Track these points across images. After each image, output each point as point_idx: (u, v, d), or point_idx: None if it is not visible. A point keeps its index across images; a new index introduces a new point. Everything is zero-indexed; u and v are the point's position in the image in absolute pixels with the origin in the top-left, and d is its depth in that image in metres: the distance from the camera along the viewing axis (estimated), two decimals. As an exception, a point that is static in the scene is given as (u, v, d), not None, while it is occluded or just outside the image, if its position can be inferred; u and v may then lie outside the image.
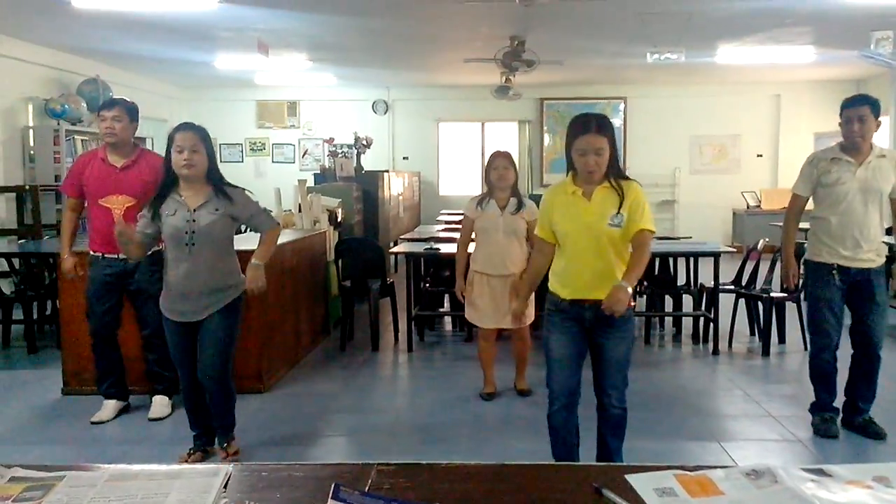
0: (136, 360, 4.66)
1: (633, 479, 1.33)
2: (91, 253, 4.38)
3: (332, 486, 1.15)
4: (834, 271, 4.01)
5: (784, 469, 1.34)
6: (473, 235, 4.85)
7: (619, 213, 3.03)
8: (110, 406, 4.53)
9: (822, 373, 4.15)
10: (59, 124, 8.66)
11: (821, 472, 1.35)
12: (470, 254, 4.85)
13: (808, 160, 4.24)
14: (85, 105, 9.02)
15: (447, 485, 1.34)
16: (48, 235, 7.99)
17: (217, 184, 3.56)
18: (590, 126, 3.01)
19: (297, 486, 1.32)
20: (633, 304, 3.10)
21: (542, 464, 1.43)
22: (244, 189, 3.70)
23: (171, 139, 3.45)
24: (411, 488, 1.31)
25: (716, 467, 1.39)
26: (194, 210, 3.47)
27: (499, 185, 4.71)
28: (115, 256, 4.22)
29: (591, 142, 2.99)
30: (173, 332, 3.62)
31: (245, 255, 4.95)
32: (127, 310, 4.49)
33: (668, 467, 1.38)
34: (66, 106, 8.73)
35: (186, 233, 3.45)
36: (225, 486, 1.29)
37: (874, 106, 3.98)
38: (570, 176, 3.13)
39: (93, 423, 4.40)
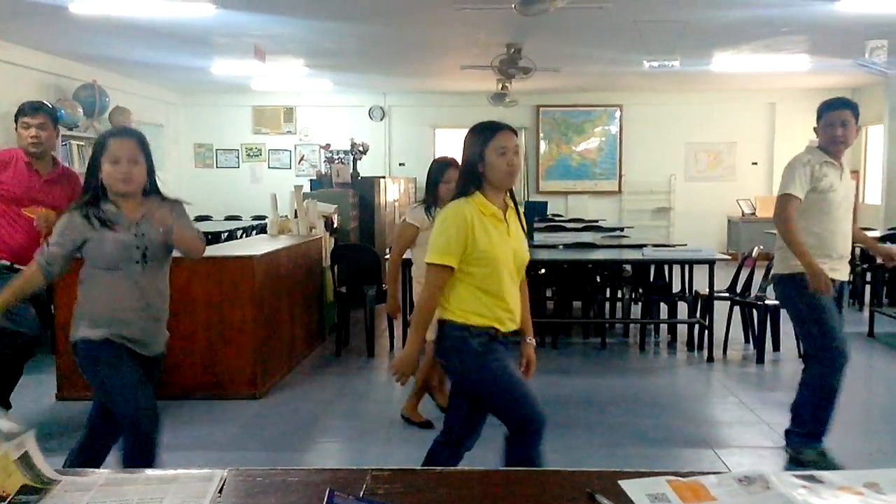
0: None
1: (627, 485, 1.34)
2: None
3: (327, 491, 1.15)
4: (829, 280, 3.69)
5: (776, 475, 1.35)
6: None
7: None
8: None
9: (833, 395, 3.75)
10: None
11: (812, 479, 1.36)
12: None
13: (799, 161, 3.85)
14: (81, 110, 9.02)
15: (441, 490, 1.35)
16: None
17: (154, 195, 2.96)
18: (504, 125, 2.81)
19: (291, 492, 1.33)
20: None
21: (536, 469, 1.44)
22: (181, 202, 3.06)
23: (101, 146, 2.82)
24: (406, 494, 1.31)
25: (708, 473, 1.40)
26: (137, 223, 2.85)
27: (448, 198, 4.36)
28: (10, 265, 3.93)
29: (510, 139, 2.75)
30: (124, 362, 2.84)
31: (237, 262, 4.91)
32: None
33: (661, 473, 1.39)
34: (63, 111, 8.72)
35: (137, 248, 2.83)
36: (220, 491, 1.29)
37: (855, 110, 3.87)
38: (477, 194, 2.76)
39: None
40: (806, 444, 3.84)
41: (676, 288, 7.06)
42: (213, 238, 8.14)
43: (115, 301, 2.82)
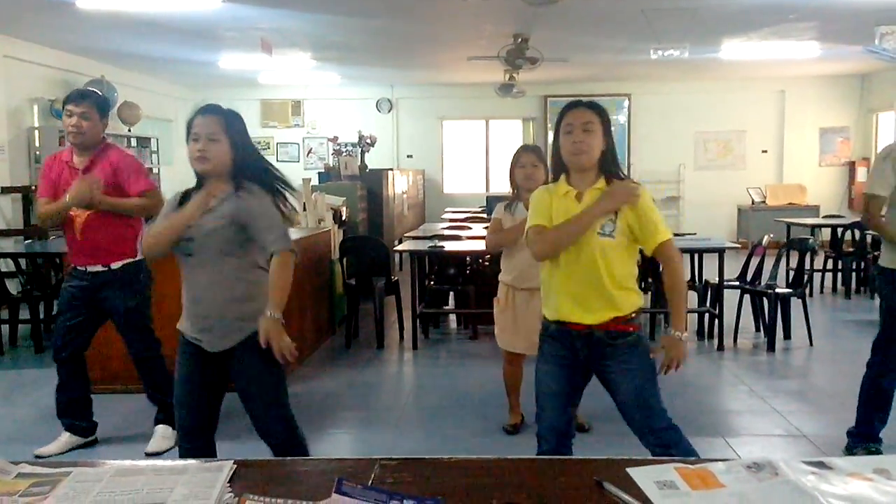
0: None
1: (635, 473, 1.34)
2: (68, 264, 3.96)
3: (336, 480, 1.16)
4: None
5: (785, 462, 1.35)
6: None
7: (612, 220, 2.57)
8: (63, 440, 4.00)
9: (886, 396, 3.72)
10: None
11: (822, 465, 1.36)
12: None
13: (880, 156, 3.66)
14: (90, 105, 9.05)
15: (449, 479, 1.35)
16: (54, 235, 8.02)
17: (240, 182, 2.72)
18: (579, 103, 2.68)
19: (300, 481, 1.34)
20: (635, 327, 2.67)
21: (544, 458, 1.44)
22: (282, 192, 2.84)
23: (189, 123, 2.70)
24: (413, 482, 1.32)
25: (717, 460, 1.39)
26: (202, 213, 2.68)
27: (526, 185, 3.95)
28: (84, 269, 3.79)
29: (578, 115, 2.60)
30: (184, 359, 2.77)
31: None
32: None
33: (670, 460, 1.39)
34: (72, 106, 8.76)
35: (184, 240, 2.68)
36: (230, 481, 1.30)
37: None
38: (562, 177, 2.69)
39: (36, 455, 3.79)
40: (860, 443, 3.79)
41: (686, 277, 7.03)
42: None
43: (184, 292, 2.76)
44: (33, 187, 8.16)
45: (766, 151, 12.83)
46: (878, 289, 3.92)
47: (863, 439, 3.78)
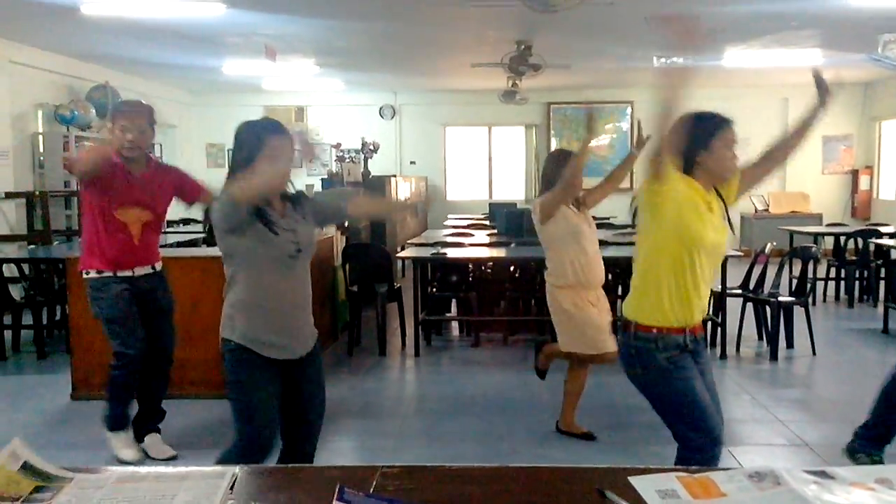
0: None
1: (636, 482, 1.33)
2: (95, 274, 3.83)
3: (337, 487, 1.16)
4: None
5: (787, 471, 1.35)
6: (546, 246, 4.14)
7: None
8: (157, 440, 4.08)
9: None
10: (68, 130, 8.74)
11: (824, 475, 1.35)
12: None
13: None
14: (94, 111, 9.09)
15: (450, 487, 1.35)
16: (58, 241, 8.05)
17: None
18: (730, 119, 2.72)
19: (301, 489, 1.34)
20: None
21: (546, 466, 1.44)
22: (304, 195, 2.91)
23: (261, 141, 2.58)
24: (415, 490, 1.32)
25: (718, 469, 1.39)
26: (281, 218, 2.67)
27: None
28: (130, 274, 3.83)
29: (735, 133, 2.68)
30: (263, 375, 2.67)
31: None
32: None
33: (672, 469, 1.39)
34: (76, 112, 8.79)
35: (293, 242, 2.66)
36: (231, 488, 1.30)
37: None
38: (687, 177, 2.64)
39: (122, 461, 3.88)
40: (867, 448, 3.77)
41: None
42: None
43: (269, 303, 2.68)
44: (37, 192, 8.18)
45: (769, 159, 12.82)
46: None
47: (873, 443, 3.75)
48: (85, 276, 3.85)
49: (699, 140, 2.65)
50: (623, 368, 2.70)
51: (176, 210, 10.32)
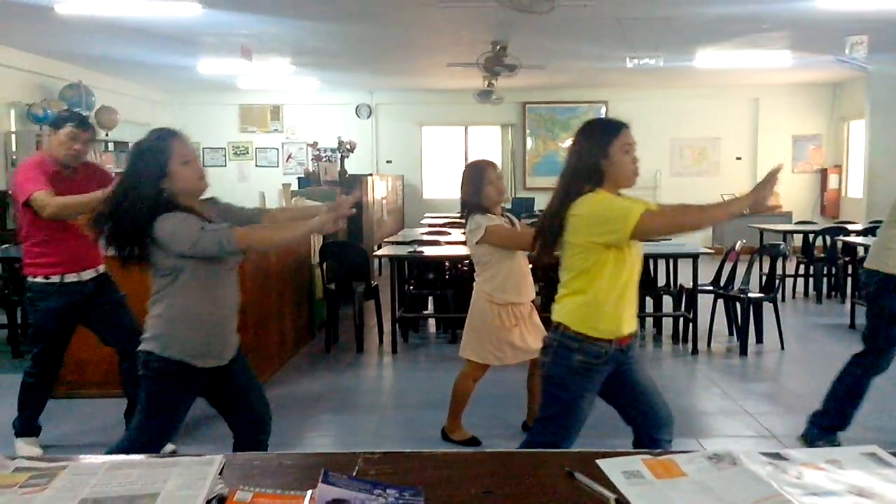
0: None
1: (603, 464, 1.41)
2: (41, 280, 3.81)
3: (322, 471, 1.22)
4: None
5: (744, 453, 1.44)
6: (482, 261, 4.04)
7: None
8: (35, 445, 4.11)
9: (861, 393, 3.91)
10: (41, 129, 8.67)
11: (778, 456, 1.44)
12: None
13: None
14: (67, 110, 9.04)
15: (429, 471, 1.42)
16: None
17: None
18: (624, 123, 2.72)
19: (287, 474, 1.40)
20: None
21: (519, 451, 1.51)
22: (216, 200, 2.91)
23: (164, 150, 2.59)
24: (395, 474, 1.39)
25: (680, 452, 1.48)
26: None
27: (499, 200, 4.01)
28: (77, 279, 3.85)
29: (631, 136, 2.68)
30: (190, 391, 2.74)
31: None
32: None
33: (637, 452, 1.47)
34: (49, 111, 8.73)
35: (238, 253, 2.69)
36: (220, 473, 1.36)
37: None
38: (599, 191, 2.65)
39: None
40: (823, 436, 3.97)
41: (661, 282, 7.16)
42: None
43: (208, 309, 2.69)
44: (9, 191, 8.11)
45: (740, 158, 13.04)
46: (871, 293, 3.96)
47: (829, 432, 3.96)
48: (30, 279, 3.84)
49: (595, 151, 2.64)
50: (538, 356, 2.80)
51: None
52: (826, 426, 3.99)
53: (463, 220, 4.20)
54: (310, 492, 1.24)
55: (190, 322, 2.62)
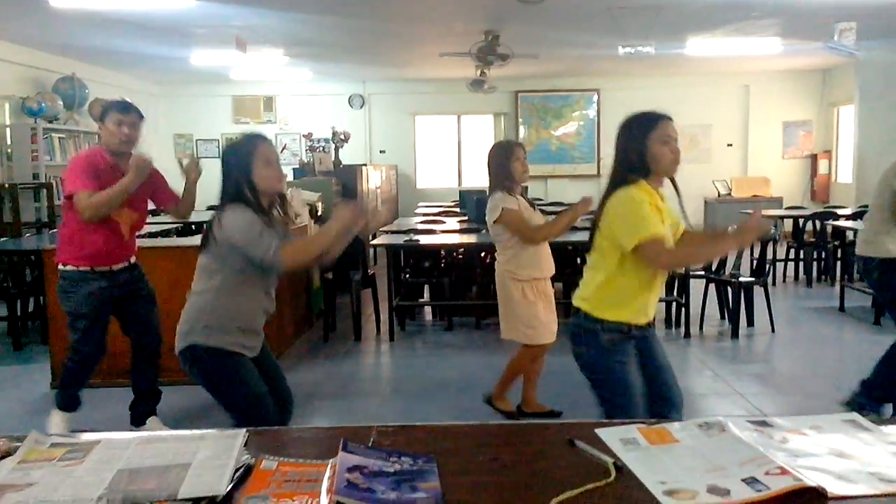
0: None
1: (602, 433, 1.51)
2: (72, 268, 3.89)
3: (342, 441, 1.31)
4: None
5: (732, 421, 1.53)
6: (500, 240, 4.19)
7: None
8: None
9: None
10: (36, 122, 8.71)
11: (764, 423, 1.54)
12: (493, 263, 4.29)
13: None
14: (61, 103, 9.07)
15: (441, 442, 1.51)
16: (28, 233, 8.04)
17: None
18: (665, 114, 2.78)
19: (306, 445, 1.49)
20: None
21: (523, 422, 1.61)
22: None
23: (252, 150, 2.82)
24: (406, 444, 1.48)
25: (674, 421, 1.57)
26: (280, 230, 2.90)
27: (522, 179, 4.16)
28: (108, 269, 3.92)
29: (673, 128, 2.75)
30: (252, 369, 2.91)
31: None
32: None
33: (633, 422, 1.57)
34: (43, 104, 8.77)
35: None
36: (245, 445, 1.45)
37: None
38: (641, 182, 2.73)
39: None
40: (873, 406, 4.06)
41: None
42: (197, 228, 8.23)
43: (250, 305, 2.88)
44: (6, 185, 8.16)
45: (731, 145, 13.14)
46: (880, 280, 4.04)
47: (879, 403, 4.05)
48: (62, 267, 3.90)
49: (635, 143, 2.73)
50: (571, 347, 2.85)
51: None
52: (877, 397, 4.08)
53: (458, 210, 4.30)
54: (331, 460, 1.33)
55: (238, 314, 2.81)
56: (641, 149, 2.71)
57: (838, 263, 8.44)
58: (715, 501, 1.25)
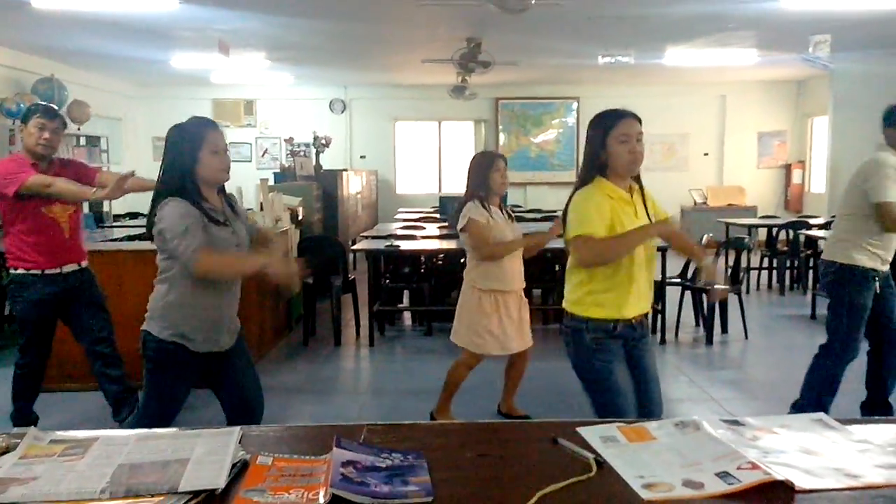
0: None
1: (584, 431, 1.58)
2: (22, 271, 3.92)
3: (335, 437, 1.36)
4: (876, 277, 3.93)
5: (707, 420, 1.61)
6: (467, 247, 4.21)
7: (648, 214, 2.84)
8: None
9: (835, 382, 4.09)
10: (14, 124, 8.64)
11: (736, 423, 1.62)
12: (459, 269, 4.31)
13: (880, 164, 3.83)
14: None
15: (428, 439, 1.57)
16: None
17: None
18: (626, 112, 2.80)
19: (298, 443, 1.54)
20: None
21: (508, 420, 1.67)
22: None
23: (197, 136, 2.72)
24: (396, 442, 1.54)
25: (651, 420, 1.65)
26: (223, 222, 2.79)
27: (501, 191, 4.16)
28: (58, 271, 3.96)
29: (632, 125, 2.76)
30: (183, 371, 2.83)
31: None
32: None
33: (613, 421, 1.64)
34: (21, 105, 8.70)
35: (236, 246, 2.83)
36: (239, 442, 1.50)
37: None
38: (596, 180, 2.77)
39: None
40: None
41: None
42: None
43: (209, 302, 2.79)
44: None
45: (707, 154, 13.32)
46: (829, 284, 4.11)
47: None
48: (13, 271, 3.95)
49: (596, 142, 2.77)
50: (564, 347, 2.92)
51: (122, 205, 10.20)
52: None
53: (438, 216, 4.34)
54: (324, 456, 1.38)
55: (187, 308, 2.72)
56: (600, 147, 2.74)
57: (810, 272, 8.60)
58: (690, 494, 1.32)
